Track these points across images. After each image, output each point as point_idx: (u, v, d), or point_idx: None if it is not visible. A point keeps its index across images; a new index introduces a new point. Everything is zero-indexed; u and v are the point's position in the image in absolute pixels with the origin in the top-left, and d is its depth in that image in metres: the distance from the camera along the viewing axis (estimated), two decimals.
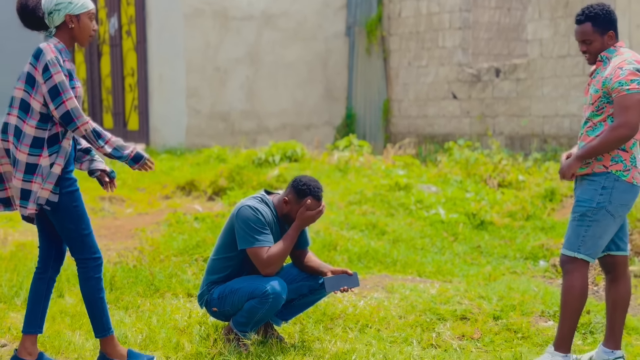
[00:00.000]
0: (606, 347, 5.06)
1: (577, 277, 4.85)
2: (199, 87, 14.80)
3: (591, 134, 4.83)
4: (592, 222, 4.79)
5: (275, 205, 5.16)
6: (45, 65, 4.41)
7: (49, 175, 4.48)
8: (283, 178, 11.05)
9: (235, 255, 5.08)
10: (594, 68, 4.95)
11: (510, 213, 9.42)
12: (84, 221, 4.59)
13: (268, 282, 4.92)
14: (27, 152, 4.46)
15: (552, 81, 12.50)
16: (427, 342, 5.43)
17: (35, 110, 4.47)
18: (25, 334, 4.74)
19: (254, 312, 4.92)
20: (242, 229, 4.96)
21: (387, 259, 7.57)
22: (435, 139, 14.28)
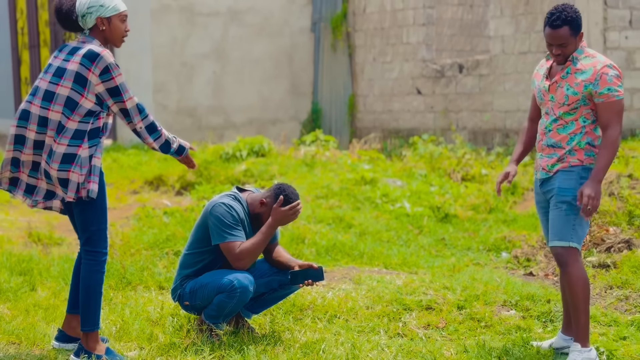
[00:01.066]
0: (565, 334, 5.28)
1: (578, 267, 4.97)
2: (165, 82, 14.87)
3: (562, 131, 4.99)
4: (578, 211, 4.94)
5: (249, 203, 5.29)
6: (106, 67, 4.65)
7: (93, 169, 4.69)
8: (250, 173, 11.18)
9: (208, 250, 5.22)
10: (551, 65, 5.08)
11: (473, 206, 9.64)
12: (105, 215, 4.78)
13: (235, 277, 5.05)
14: (66, 144, 4.66)
15: (514, 77, 12.75)
16: (393, 332, 5.61)
17: (83, 108, 4.69)
18: (70, 314, 5.03)
19: (223, 306, 5.07)
20: (215, 225, 5.10)
21: (354, 251, 7.74)
22: (400, 134, 14.48)
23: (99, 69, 4.64)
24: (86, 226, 4.78)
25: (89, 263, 4.81)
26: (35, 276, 6.58)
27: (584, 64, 4.97)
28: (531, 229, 8.59)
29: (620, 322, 5.90)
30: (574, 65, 4.98)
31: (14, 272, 6.74)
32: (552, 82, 5.05)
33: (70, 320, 5.06)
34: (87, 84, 4.66)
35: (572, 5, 5.02)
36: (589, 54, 5.01)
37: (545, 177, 5.10)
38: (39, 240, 8.10)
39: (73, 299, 5.06)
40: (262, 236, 5.14)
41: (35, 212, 9.54)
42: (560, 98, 4.98)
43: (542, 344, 5.34)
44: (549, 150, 5.08)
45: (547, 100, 5.08)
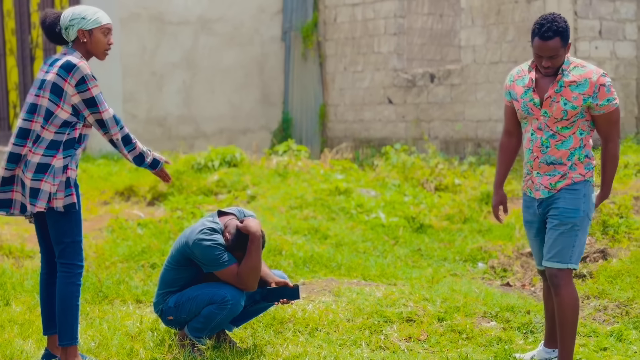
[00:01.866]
0: (547, 347, 5.26)
1: (571, 290, 4.89)
2: (135, 91, 14.74)
3: (561, 147, 4.86)
4: (579, 231, 4.87)
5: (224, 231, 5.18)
6: (82, 79, 4.66)
7: (69, 181, 4.65)
8: (223, 183, 11.10)
9: (190, 267, 5.14)
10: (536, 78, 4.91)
11: (448, 216, 9.65)
12: (80, 227, 4.72)
13: (228, 289, 5.01)
14: (41, 154, 4.67)
15: (485, 86, 12.81)
16: (375, 345, 5.57)
17: (59, 118, 4.69)
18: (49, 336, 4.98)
19: (211, 318, 5.00)
20: (205, 260, 5.01)
21: (331, 263, 7.71)
22: (372, 143, 14.48)
23: (75, 79, 4.65)
24: (60, 238, 4.73)
25: (64, 275, 4.76)
26: (8, 290, 6.46)
27: (575, 75, 4.83)
28: (506, 239, 8.60)
29: (600, 332, 5.91)
30: (565, 77, 4.83)
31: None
32: (545, 97, 4.87)
33: (53, 340, 4.97)
34: (63, 95, 4.67)
35: (560, 14, 4.90)
36: (577, 63, 4.89)
37: (548, 195, 4.94)
38: (10, 253, 7.96)
39: (46, 319, 4.98)
40: (252, 253, 5.04)
41: (5, 224, 9.39)
42: (557, 113, 4.82)
43: (524, 356, 5.33)
44: (549, 167, 4.92)
45: (538, 115, 4.89)
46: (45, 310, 4.98)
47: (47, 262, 4.97)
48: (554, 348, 5.23)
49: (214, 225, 5.10)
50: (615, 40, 11.93)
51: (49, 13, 4.85)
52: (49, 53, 15.67)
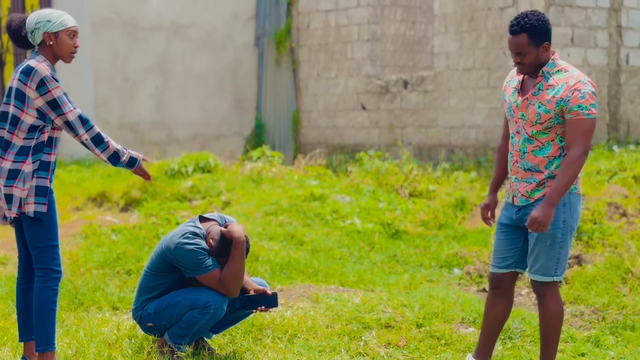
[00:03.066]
0: (478, 358, 5.10)
1: (556, 300, 4.82)
2: (107, 97, 14.65)
3: (539, 154, 4.74)
4: (563, 243, 4.76)
5: (206, 237, 5.15)
6: (41, 81, 4.61)
7: (39, 189, 4.61)
8: (197, 189, 11.04)
9: (171, 273, 5.09)
10: (523, 79, 4.82)
11: (423, 222, 9.66)
12: (55, 233, 4.67)
13: (211, 294, 4.97)
14: (12, 160, 4.65)
15: (458, 93, 12.87)
16: (355, 351, 5.55)
17: (25, 123, 4.66)
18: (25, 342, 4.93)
19: (193, 323, 4.95)
20: (187, 264, 4.97)
21: (308, 269, 7.68)
22: (345, 149, 14.50)
23: (35, 82, 4.63)
24: (35, 243, 4.71)
25: (40, 280, 4.73)
26: None
27: (556, 79, 4.70)
28: (482, 245, 8.63)
29: (577, 338, 5.94)
30: (546, 81, 4.71)
31: None
32: (523, 98, 4.77)
33: (29, 347, 4.92)
34: (26, 99, 4.65)
35: (542, 14, 4.74)
36: (562, 67, 4.74)
37: (525, 203, 4.82)
38: None
39: (22, 326, 4.95)
40: (236, 258, 5.02)
41: None
42: (532, 116, 4.71)
43: None
44: (526, 174, 4.80)
45: (517, 118, 4.80)
46: (21, 316, 4.92)
47: (24, 267, 4.93)
48: None
49: (196, 230, 5.06)
50: (587, 47, 12.05)
51: (14, 17, 4.80)
52: (20, 58, 15.52)
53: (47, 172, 4.70)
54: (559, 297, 4.89)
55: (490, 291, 5.14)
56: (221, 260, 5.04)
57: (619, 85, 12.39)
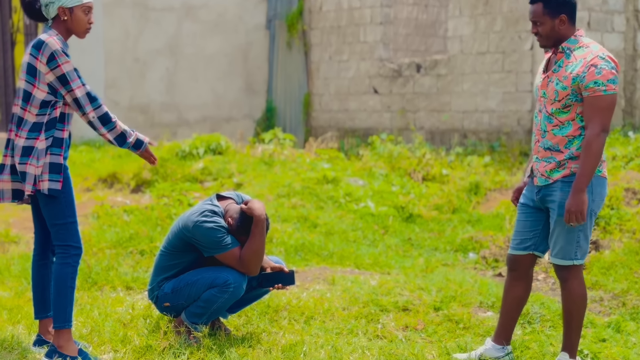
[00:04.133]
0: (497, 343, 5.00)
1: (579, 284, 4.71)
2: (117, 78, 14.56)
3: (558, 133, 4.62)
4: (583, 226, 4.62)
5: (225, 216, 5.07)
6: (51, 55, 4.53)
7: (52, 166, 4.52)
8: (208, 171, 10.97)
9: (188, 252, 5.01)
10: (549, 57, 4.74)
11: (437, 206, 9.58)
12: (72, 209, 4.59)
13: (230, 272, 4.87)
14: (25, 137, 4.57)
15: (472, 77, 12.75)
16: (372, 334, 5.48)
17: (37, 99, 4.57)
18: (40, 320, 4.86)
19: (212, 302, 4.86)
20: (207, 242, 4.88)
21: (323, 251, 7.61)
22: (356, 133, 14.39)
23: (45, 57, 4.54)
24: (52, 220, 4.62)
25: (60, 256, 4.65)
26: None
27: (576, 55, 4.57)
28: (497, 230, 8.54)
29: (597, 324, 5.85)
30: (567, 58, 4.60)
31: None
32: (545, 76, 4.69)
33: (44, 325, 4.85)
34: (37, 74, 4.56)
35: None
36: (584, 43, 4.60)
37: (544, 183, 4.70)
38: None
39: (37, 303, 4.88)
40: (256, 236, 4.94)
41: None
42: (551, 94, 4.61)
43: (472, 353, 5.01)
44: (546, 153, 4.68)
45: (540, 96, 4.71)
46: (36, 293, 4.85)
47: (40, 243, 4.86)
48: (503, 345, 5.00)
49: (214, 208, 4.97)
50: (603, 32, 11.91)
51: None
52: (30, 38, 15.42)
53: (61, 148, 4.60)
54: (582, 281, 4.78)
55: (508, 273, 5.04)
56: (240, 238, 4.96)
57: (635, 71, 12.25)
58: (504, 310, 5.04)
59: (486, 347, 5.04)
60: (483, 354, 5.01)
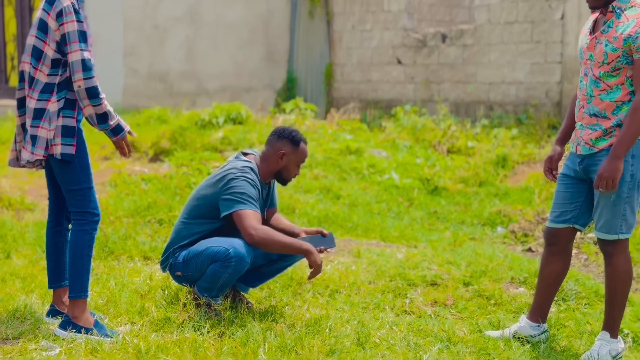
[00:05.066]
0: (532, 320, 4.77)
1: (624, 260, 4.44)
2: (136, 45, 14.31)
3: (606, 98, 4.34)
4: (629, 199, 4.35)
5: (260, 167, 4.85)
6: (60, 11, 4.26)
7: (66, 130, 4.27)
8: (228, 140, 10.73)
9: (209, 221, 4.77)
10: (596, 18, 4.47)
11: (462, 179, 9.32)
12: (87, 174, 4.34)
13: (231, 244, 4.57)
14: (36, 98, 4.31)
15: (499, 48, 12.41)
16: (400, 309, 5.24)
17: (47, 57, 4.31)
18: (54, 289, 4.65)
19: (216, 277, 4.60)
20: (232, 194, 4.62)
21: (347, 223, 7.37)
22: (379, 105, 14.10)
23: (55, 12, 4.26)
24: (67, 186, 4.37)
25: (76, 223, 4.41)
26: (9, 243, 6.10)
27: (628, 15, 4.30)
28: (526, 204, 8.28)
29: (635, 302, 5.59)
30: (617, 17, 4.32)
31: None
32: (592, 37, 4.40)
33: (58, 294, 4.64)
34: (48, 30, 4.30)
35: None
36: (636, 3, 4.33)
37: (588, 152, 4.43)
38: (9, 205, 7.60)
39: (51, 272, 4.66)
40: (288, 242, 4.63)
41: (4, 177, 9.03)
42: (599, 56, 4.33)
43: (505, 331, 4.78)
44: (591, 119, 4.40)
45: (586, 59, 4.43)
46: (50, 262, 4.63)
47: (54, 210, 4.63)
48: (538, 323, 4.76)
49: (251, 165, 4.77)
50: None
51: None
52: None
53: (74, 110, 4.32)
54: (628, 257, 4.50)
55: (546, 248, 4.77)
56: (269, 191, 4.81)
57: None
58: (540, 287, 4.79)
59: (520, 324, 4.80)
60: (517, 331, 4.77)
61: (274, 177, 4.90)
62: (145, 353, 4.04)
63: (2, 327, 4.36)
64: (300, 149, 4.86)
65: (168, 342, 4.19)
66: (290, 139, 4.85)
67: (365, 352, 4.30)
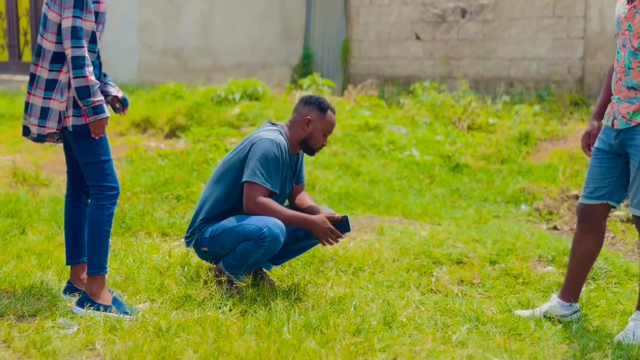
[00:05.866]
0: (563, 299, 4.59)
1: None
2: (151, 20, 14.14)
3: None
4: None
5: (288, 135, 4.71)
6: None
7: (75, 100, 4.10)
8: (245, 116, 10.58)
9: (237, 194, 4.61)
10: None
11: (484, 156, 9.14)
12: (103, 146, 4.18)
13: (265, 224, 4.41)
14: (47, 69, 4.14)
15: (520, 22, 12.18)
16: (426, 287, 5.09)
17: (52, 23, 4.13)
18: (72, 265, 4.53)
19: (247, 255, 4.46)
20: (257, 161, 4.49)
21: (368, 200, 7.22)
22: (397, 81, 13.90)
23: None
24: (83, 159, 4.22)
25: (94, 198, 4.26)
26: (24, 218, 5.97)
27: None
28: (550, 181, 8.10)
29: None
30: None
31: (0, 213, 6.13)
32: (631, 6, 4.22)
33: (76, 271, 4.51)
34: None
35: None
36: None
37: (625, 127, 4.25)
38: (24, 181, 7.48)
39: (69, 248, 4.52)
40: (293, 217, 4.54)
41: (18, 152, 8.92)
42: (638, 26, 4.17)
43: (535, 311, 4.61)
44: (629, 93, 4.22)
45: (624, 30, 4.26)
46: (68, 237, 4.49)
47: (72, 184, 4.48)
48: (570, 302, 4.59)
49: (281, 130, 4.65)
50: None
51: None
52: None
53: None
54: None
55: (578, 225, 4.60)
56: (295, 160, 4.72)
57: None
58: (572, 265, 4.62)
59: (552, 303, 4.64)
60: (548, 311, 4.61)
61: (300, 146, 4.75)
62: (166, 331, 3.91)
63: (18, 304, 4.23)
64: (327, 117, 4.73)
65: (189, 320, 4.06)
66: (318, 105, 4.71)
67: (392, 331, 4.16)
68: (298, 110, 4.74)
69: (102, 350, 3.69)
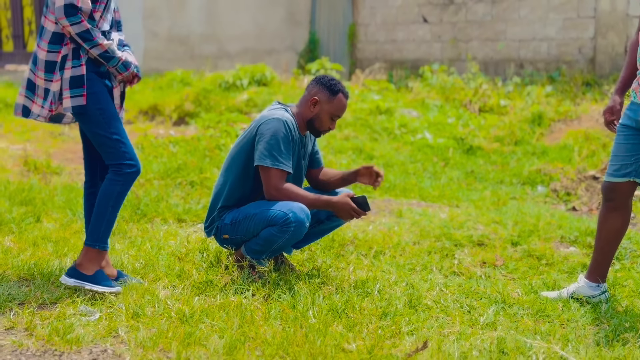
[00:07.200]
0: (590, 280, 4.51)
1: None
2: (156, 7, 14.03)
3: None
4: None
5: (296, 115, 4.61)
6: None
7: (76, 78, 4.00)
8: (253, 102, 10.49)
9: (252, 177, 4.52)
10: None
11: (497, 138, 9.05)
12: (112, 124, 4.07)
13: (291, 209, 4.30)
14: (46, 49, 4.03)
15: (530, 3, 12.06)
16: (448, 270, 5.01)
17: (52, 3, 4.01)
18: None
19: (271, 241, 4.37)
20: (267, 143, 4.39)
21: (384, 183, 7.13)
22: (404, 65, 13.78)
23: None
24: (95, 139, 4.11)
25: (111, 173, 4.14)
26: (38, 206, 5.89)
27: None
28: (566, 162, 8.01)
29: None
30: None
31: (14, 201, 6.05)
32: None
33: None
34: None
35: None
36: None
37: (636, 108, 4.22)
38: (35, 169, 7.40)
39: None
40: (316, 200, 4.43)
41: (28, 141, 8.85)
42: None
43: (562, 292, 4.53)
44: None
45: None
46: (87, 224, 4.40)
47: (89, 170, 4.40)
48: (598, 282, 4.50)
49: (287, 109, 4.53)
50: None
51: None
52: None
53: (80, 58, 4.02)
54: None
55: (604, 204, 4.50)
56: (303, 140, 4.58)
57: None
58: (599, 245, 4.53)
59: (579, 284, 4.55)
60: (575, 292, 4.53)
61: (306, 126, 4.61)
62: (190, 317, 3.83)
63: (38, 291, 4.15)
64: (337, 99, 4.53)
65: (212, 305, 3.98)
66: (328, 86, 4.53)
67: (418, 314, 4.08)
68: (308, 89, 4.60)
69: (126, 336, 3.61)
